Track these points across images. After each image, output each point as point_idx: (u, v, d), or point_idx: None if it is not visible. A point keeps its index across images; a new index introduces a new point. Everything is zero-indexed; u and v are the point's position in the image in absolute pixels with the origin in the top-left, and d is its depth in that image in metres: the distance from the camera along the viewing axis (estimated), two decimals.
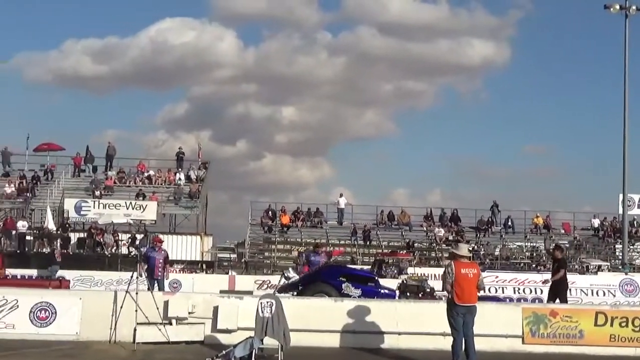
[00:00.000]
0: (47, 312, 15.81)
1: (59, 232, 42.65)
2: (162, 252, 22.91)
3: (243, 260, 46.23)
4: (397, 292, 21.65)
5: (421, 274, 28.79)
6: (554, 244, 24.88)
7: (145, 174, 50.63)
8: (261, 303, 13.86)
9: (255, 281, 33.14)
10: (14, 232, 42.00)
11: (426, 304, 16.70)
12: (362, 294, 20.23)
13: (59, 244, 39.62)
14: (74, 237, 42.80)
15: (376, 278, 22.99)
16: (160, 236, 26.75)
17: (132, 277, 15.76)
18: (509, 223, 51.05)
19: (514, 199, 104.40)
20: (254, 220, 49.76)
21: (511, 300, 28.92)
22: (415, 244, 46.95)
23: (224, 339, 15.37)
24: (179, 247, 42.02)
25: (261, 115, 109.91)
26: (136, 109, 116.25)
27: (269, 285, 31.34)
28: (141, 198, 46.41)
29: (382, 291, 21.02)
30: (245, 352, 13.61)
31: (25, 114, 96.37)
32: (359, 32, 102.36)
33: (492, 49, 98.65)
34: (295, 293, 20.07)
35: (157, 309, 15.53)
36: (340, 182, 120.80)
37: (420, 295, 20.74)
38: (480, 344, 13.92)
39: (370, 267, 38.05)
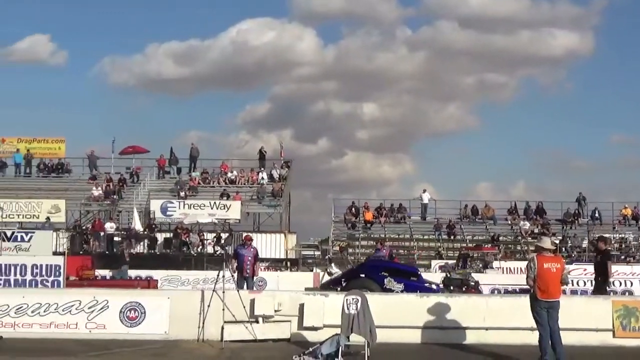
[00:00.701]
0: (137, 312, 16.06)
1: (145, 232, 43.37)
2: (252, 249, 23.06)
3: (327, 257, 46.27)
4: (442, 286, 21.51)
5: (466, 271, 28.30)
6: (597, 236, 24.03)
7: (229, 174, 51.11)
8: (347, 300, 13.86)
9: None
10: (102, 233, 42.83)
11: (518, 299, 16.42)
12: (405, 288, 20.14)
13: (125, 245, 40.27)
14: (160, 237, 43.45)
15: (419, 272, 22.90)
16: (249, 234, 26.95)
17: (218, 276, 15.90)
18: (596, 215, 50.13)
19: (600, 190, 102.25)
20: (338, 217, 49.90)
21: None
22: (500, 238, 46.48)
23: (310, 336, 15.40)
24: (263, 245, 42.23)
25: (342, 113, 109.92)
26: (218, 110, 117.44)
27: None
28: (225, 198, 46.87)
29: (426, 285, 20.88)
30: (331, 349, 13.61)
31: (111, 118, 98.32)
32: (439, 26, 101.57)
33: (575, 38, 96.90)
34: (339, 288, 20.03)
35: (244, 307, 15.64)
36: (422, 178, 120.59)
37: (464, 289, 20.55)
38: (569, 339, 13.71)
39: (455, 261, 37.89)
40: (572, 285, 21.25)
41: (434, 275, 34.21)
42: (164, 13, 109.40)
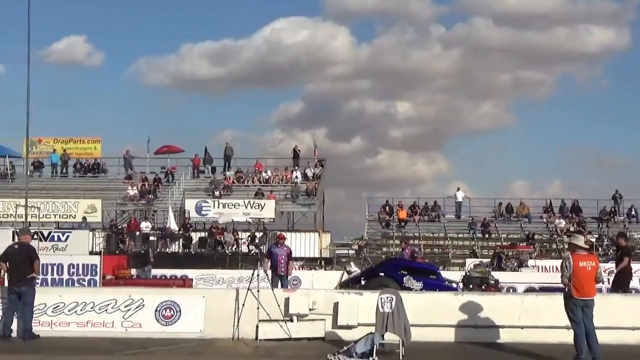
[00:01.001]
0: (172, 311, 16.15)
1: (180, 232, 43.62)
2: (285, 248, 23.12)
3: (361, 256, 46.28)
4: (461, 285, 21.46)
5: (486, 269, 28.10)
6: (617, 232, 23.83)
7: (263, 173, 51.26)
8: (381, 298, 13.87)
9: None
10: (137, 233, 43.13)
11: (553, 297, 16.28)
12: (424, 286, 20.25)
13: (153, 245, 40.52)
14: (195, 236, 43.67)
15: (438, 271, 22.99)
16: (283, 233, 27.02)
17: (253, 274, 15.96)
18: (633, 212, 49.70)
19: (637, 187, 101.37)
20: (372, 216, 49.92)
21: (637, 291, 28.10)
22: (535, 236, 46.20)
23: (344, 334, 15.39)
24: (297, 244, 42.30)
25: (376, 111, 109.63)
26: (252, 109, 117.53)
27: None
28: (259, 197, 47.01)
29: (445, 283, 20.82)
30: (366, 348, 13.62)
31: (146, 118, 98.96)
32: (474, 23, 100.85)
33: (611, 34, 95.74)
34: (358, 287, 20.18)
35: (279, 306, 15.68)
36: (457, 176, 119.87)
37: (483, 287, 20.49)
38: (605, 337, 13.63)
39: (489, 259, 37.71)
40: (608, 283, 21.03)
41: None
42: (198, 13, 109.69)
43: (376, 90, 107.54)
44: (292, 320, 15.76)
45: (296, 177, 50.22)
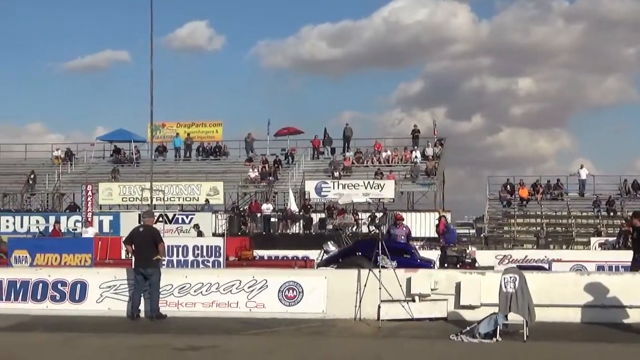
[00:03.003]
0: (295, 292, 16.29)
1: (301, 213, 43.97)
2: (404, 228, 23.08)
3: (482, 235, 45.83)
4: (437, 263, 21.68)
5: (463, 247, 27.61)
6: (632, 212, 22.60)
7: (382, 154, 51.18)
8: (504, 278, 13.67)
9: (496, 256, 32.68)
10: (259, 214, 43.71)
11: None
12: (397, 265, 19.88)
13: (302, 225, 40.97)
14: (315, 217, 43.94)
15: (412, 250, 22.77)
16: (400, 213, 26.98)
17: (374, 255, 15.95)
18: None
19: None
20: (492, 194, 49.32)
21: None
22: None
23: (467, 315, 15.27)
24: (417, 224, 42.14)
25: (496, 89, 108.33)
26: (371, 90, 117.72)
27: (510, 260, 30.91)
28: (379, 177, 46.96)
29: (418, 261, 20.69)
30: (489, 328, 13.48)
31: (266, 100, 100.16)
32: None
33: None
34: (335, 266, 20.28)
35: (400, 286, 15.65)
36: (580, 153, 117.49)
37: (458, 266, 20.32)
38: None
39: (615, 238, 36.79)
40: None
41: (593, 253, 33.53)
42: None
43: (497, 67, 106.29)
44: (414, 301, 15.71)
45: (416, 156, 49.98)
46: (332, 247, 24.11)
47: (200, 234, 36.27)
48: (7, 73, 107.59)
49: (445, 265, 21.38)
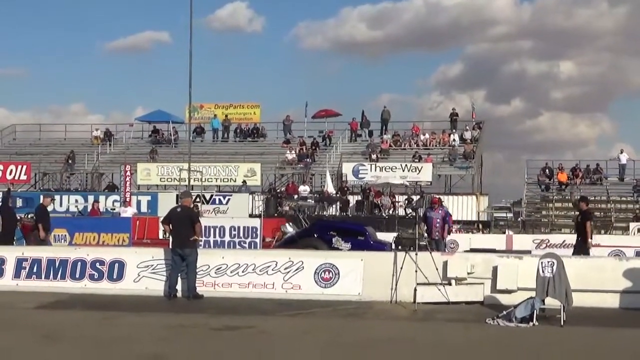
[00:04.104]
0: (331, 273, 16.31)
1: (338, 195, 43.97)
2: (440, 211, 22.98)
3: (520, 219, 45.54)
4: (393, 246, 21.34)
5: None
6: (579, 195, 23.25)
7: (420, 136, 51.02)
8: (542, 262, 13.59)
9: (534, 240, 32.45)
10: (295, 196, 43.79)
11: None
12: (352, 247, 20.80)
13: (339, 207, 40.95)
14: (352, 199, 43.93)
15: (366, 232, 23.05)
16: (436, 197, 26.90)
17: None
18: None
19: None
20: (531, 178, 48.95)
21: None
22: None
23: (503, 299, 15.21)
24: (454, 207, 41.98)
25: (537, 72, 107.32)
26: (410, 72, 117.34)
27: (548, 244, 30.69)
28: (416, 160, 46.83)
29: (372, 243, 20.90)
30: (526, 313, 13.41)
31: (304, 82, 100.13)
32: None
33: None
34: (292, 246, 20.76)
35: (437, 269, 15.61)
36: (621, 138, 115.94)
37: (410, 248, 20.60)
38: None
39: None
40: None
41: (632, 239, 33.17)
42: None
43: (538, 50, 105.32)
44: (450, 284, 15.68)
45: (454, 140, 49.75)
46: (289, 229, 24.59)
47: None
48: (52, 54, 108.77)
49: (399, 247, 21.70)
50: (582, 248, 19.89)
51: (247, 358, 10.78)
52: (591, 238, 20.28)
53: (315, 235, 21.41)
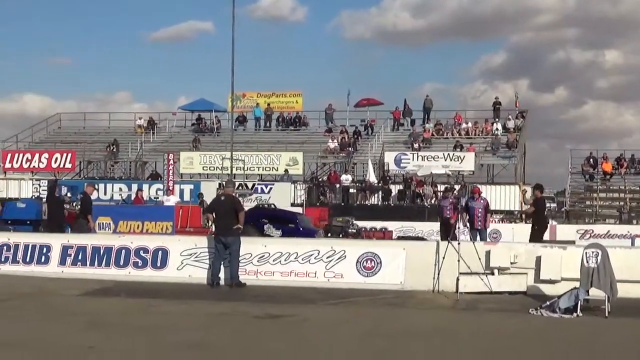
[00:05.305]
0: (373, 262, 16.31)
1: (380, 184, 43.90)
2: (482, 201, 22.92)
3: (563, 209, 45.18)
4: (322, 232, 22.58)
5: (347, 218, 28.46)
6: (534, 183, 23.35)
7: (463, 125, 50.74)
8: (586, 253, 13.47)
9: (577, 230, 32.33)
10: (338, 185, 43.80)
11: None
12: (282, 234, 21.36)
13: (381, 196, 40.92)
14: (394, 189, 43.82)
15: (297, 220, 23.76)
16: (479, 186, 26.79)
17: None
18: None
19: None
20: (574, 168, 48.50)
21: None
22: None
23: (547, 289, 15.12)
24: (497, 197, 41.71)
25: (582, 61, 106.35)
26: (453, 61, 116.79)
27: (592, 234, 30.47)
28: (459, 149, 46.58)
29: (301, 230, 21.58)
30: (570, 303, 13.31)
31: (346, 71, 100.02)
32: None
33: None
34: None
35: (479, 259, 15.55)
36: None
37: (341, 235, 20.67)
38: None
39: None
40: None
41: None
42: None
43: (583, 39, 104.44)
44: (492, 274, 15.63)
45: (497, 129, 49.37)
46: None
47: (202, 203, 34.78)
48: (97, 43, 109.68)
49: (329, 234, 21.94)
50: (536, 237, 20.16)
51: (289, 346, 10.81)
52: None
53: (249, 223, 21.52)
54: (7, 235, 18.95)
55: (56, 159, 49.19)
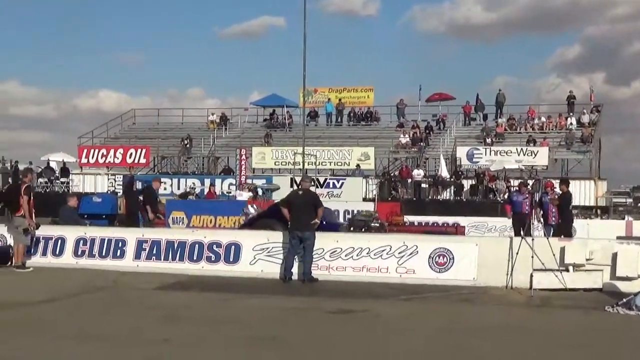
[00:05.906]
0: (445, 258, 16.24)
1: (452, 179, 43.65)
2: (556, 196, 22.61)
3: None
4: (346, 226, 22.29)
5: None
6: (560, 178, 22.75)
7: (536, 120, 50.17)
8: None
9: None
10: (409, 180, 43.67)
11: None
12: None
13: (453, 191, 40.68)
14: (466, 184, 43.55)
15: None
16: (552, 181, 26.45)
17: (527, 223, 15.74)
18: None
19: None
20: None
21: None
22: None
23: (623, 286, 14.86)
24: (571, 192, 41.09)
25: None
26: (526, 55, 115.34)
27: None
28: (532, 144, 46.05)
29: (325, 223, 20.51)
30: None
31: (418, 66, 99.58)
32: None
33: None
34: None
35: (554, 255, 15.37)
36: None
37: (363, 230, 20.33)
38: None
39: None
40: None
41: None
42: None
43: None
44: (567, 270, 15.43)
45: (571, 123, 48.70)
46: (252, 210, 24.82)
47: (256, 195, 35.29)
48: (170, 39, 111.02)
49: (352, 229, 21.72)
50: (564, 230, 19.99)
51: (361, 341, 10.82)
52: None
53: (272, 217, 21.50)
54: (84, 230, 19.28)
55: (131, 154, 49.99)
